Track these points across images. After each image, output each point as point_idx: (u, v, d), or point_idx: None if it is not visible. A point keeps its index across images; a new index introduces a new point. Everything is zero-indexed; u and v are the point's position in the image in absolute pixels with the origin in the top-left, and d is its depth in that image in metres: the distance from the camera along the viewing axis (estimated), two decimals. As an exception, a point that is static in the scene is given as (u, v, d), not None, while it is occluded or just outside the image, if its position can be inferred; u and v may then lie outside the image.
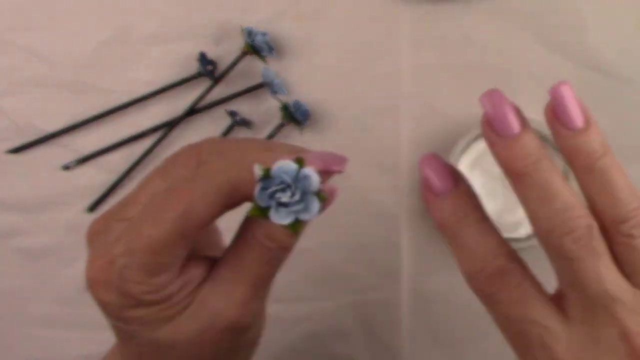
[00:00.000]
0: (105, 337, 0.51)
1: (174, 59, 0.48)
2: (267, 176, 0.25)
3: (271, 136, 0.48)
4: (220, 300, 0.27)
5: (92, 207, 0.49)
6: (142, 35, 0.48)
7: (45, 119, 0.49)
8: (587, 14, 0.47)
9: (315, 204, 0.25)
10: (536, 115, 0.49)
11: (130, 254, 0.25)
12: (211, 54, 0.48)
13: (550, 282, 0.26)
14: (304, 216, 0.25)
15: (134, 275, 0.26)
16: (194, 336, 0.27)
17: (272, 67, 0.47)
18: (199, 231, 0.26)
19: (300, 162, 0.25)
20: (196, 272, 0.28)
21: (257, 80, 0.48)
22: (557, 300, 0.25)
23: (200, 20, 0.48)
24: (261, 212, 0.25)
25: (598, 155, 0.24)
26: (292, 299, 0.48)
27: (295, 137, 0.48)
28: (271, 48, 0.47)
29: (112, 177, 0.49)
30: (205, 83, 0.48)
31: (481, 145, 0.45)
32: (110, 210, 0.29)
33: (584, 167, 0.24)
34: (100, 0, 0.48)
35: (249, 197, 0.26)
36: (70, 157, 0.49)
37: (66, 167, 0.49)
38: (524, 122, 0.25)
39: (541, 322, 0.24)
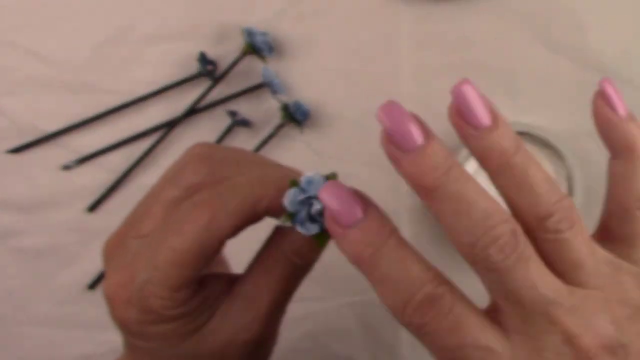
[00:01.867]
0: (105, 337, 0.51)
1: (174, 59, 0.48)
2: (296, 185, 0.25)
3: (271, 136, 0.48)
4: (243, 315, 0.27)
5: (92, 207, 0.49)
6: (142, 35, 0.48)
7: (45, 119, 0.49)
8: (587, 14, 0.47)
9: None
10: (537, 117, 0.49)
11: (152, 268, 0.25)
12: (211, 54, 0.48)
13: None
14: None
15: (156, 289, 0.25)
16: (217, 350, 0.27)
17: (272, 67, 0.47)
18: (222, 244, 0.26)
19: (332, 176, 0.25)
20: (214, 287, 0.28)
21: (257, 80, 0.48)
22: (493, 315, 0.23)
23: (200, 20, 0.48)
24: (292, 220, 0.25)
25: (511, 153, 0.22)
26: (292, 299, 0.48)
27: (295, 137, 0.48)
28: (271, 48, 0.47)
29: (112, 177, 0.49)
30: (205, 83, 0.48)
31: None
32: (124, 225, 0.28)
33: (498, 167, 0.22)
34: (100, 0, 0.48)
35: (270, 213, 0.26)
36: (70, 157, 0.49)
37: (66, 167, 0.49)
38: (426, 131, 0.23)
39: (481, 345, 0.22)
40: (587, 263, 0.23)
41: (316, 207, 0.25)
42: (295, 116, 0.47)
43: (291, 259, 0.27)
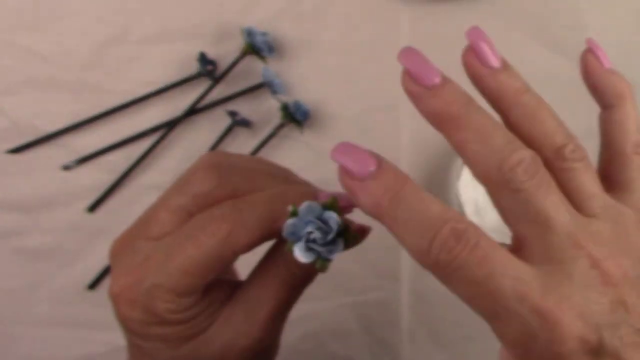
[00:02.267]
0: (105, 337, 0.51)
1: (174, 59, 0.48)
2: (295, 214, 0.25)
3: (271, 136, 0.48)
4: (242, 321, 0.28)
5: (92, 207, 0.49)
6: (142, 35, 0.48)
7: (45, 119, 0.49)
8: (587, 14, 0.47)
9: (340, 245, 0.26)
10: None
11: (164, 273, 0.26)
12: (211, 54, 0.48)
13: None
14: (326, 255, 0.25)
15: (164, 294, 0.26)
16: (216, 354, 0.28)
17: (272, 67, 0.47)
18: (236, 258, 0.27)
19: (332, 205, 0.26)
20: (218, 293, 0.28)
21: (257, 80, 0.48)
22: (516, 252, 0.23)
23: (200, 20, 0.48)
24: (291, 246, 0.26)
25: (523, 91, 0.24)
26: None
27: (296, 137, 0.48)
28: (271, 48, 0.47)
29: (112, 177, 0.49)
30: (205, 83, 0.48)
31: None
32: (133, 227, 0.29)
33: (512, 104, 0.24)
34: (100, 0, 0.48)
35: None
36: (70, 157, 0.49)
37: (66, 167, 0.49)
38: (443, 73, 0.25)
39: (511, 274, 0.21)
40: (599, 195, 0.23)
41: (312, 236, 0.25)
42: (295, 116, 0.47)
43: (291, 269, 0.28)
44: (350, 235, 0.26)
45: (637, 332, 0.21)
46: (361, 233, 0.28)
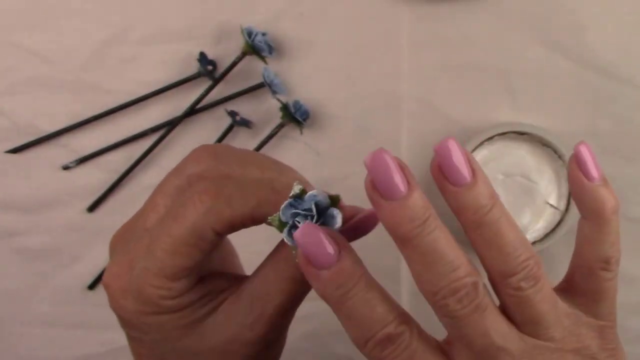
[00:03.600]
0: (105, 337, 0.51)
1: (174, 59, 0.48)
2: (299, 197, 0.25)
3: (271, 136, 0.48)
4: (248, 313, 0.27)
5: (92, 207, 0.49)
6: (142, 35, 0.48)
7: (45, 118, 0.49)
8: (587, 14, 0.47)
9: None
10: (536, 116, 0.49)
11: (149, 256, 0.26)
12: (211, 54, 0.48)
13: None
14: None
15: (152, 278, 0.26)
16: (219, 347, 0.27)
17: (272, 67, 0.47)
18: (219, 237, 0.26)
19: (334, 200, 0.26)
20: (218, 283, 0.28)
21: (257, 80, 0.48)
22: (448, 348, 0.25)
23: (200, 20, 0.48)
24: (280, 226, 0.25)
25: (485, 211, 0.24)
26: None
27: (296, 137, 0.48)
28: (271, 48, 0.47)
29: (112, 177, 0.49)
30: (205, 83, 0.48)
31: (478, 157, 0.45)
32: (131, 219, 0.29)
33: (472, 223, 0.24)
34: (100, 0, 0.48)
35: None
36: (70, 157, 0.49)
37: (66, 167, 0.49)
38: (409, 180, 0.24)
39: None
40: (546, 318, 0.25)
41: (304, 222, 0.25)
42: (295, 116, 0.47)
43: (293, 261, 0.27)
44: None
45: None
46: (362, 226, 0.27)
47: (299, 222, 0.25)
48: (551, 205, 0.46)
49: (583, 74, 0.47)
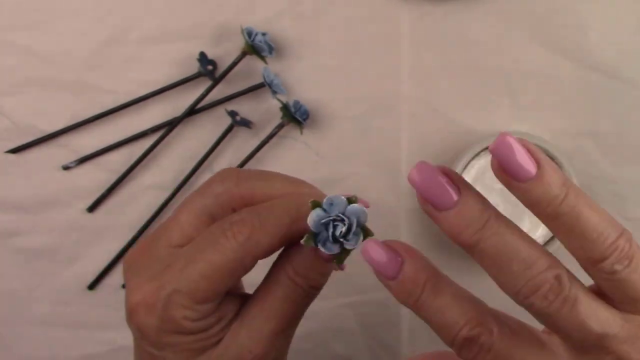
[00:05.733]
0: (105, 337, 0.51)
1: (174, 59, 0.48)
2: (318, 206, 0.26)
3: (271, 136, 0.48)
4: (247, 335, 0.28)
5: (92, 207, 0.49)
6: (142, 35, 0.48)
7: (45, 118, 0.49)
8: (587, 14, 0.47)
9: (360, 236, 0.26)
10: (536, 116, 0.49)
11: (184, 279, 0.26)
12: (211, 54, 0.48)
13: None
14: (348, 245, 0.26)
15: (183, 300, 0.26)
16: None
17: (272, 67, 0.47)
18: (255, 262, 0.27)
19: (351, 200, 0.26)
20: (230, 307, 0.29)
21: (257, 80, 0.48)
22: (548, 338, 0.25)
23: (200, 20, 0.48)
24: (314, 241, 0.26)
25: (560, 200, 0.22)
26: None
27: (296, 137, 0.48)
28: (271, 48, 0.47)
29: (112, 177, 0.49)
30: (205, 83, 0.48)
31: (482, 162, 0.45)
32: (152, 236, 0.29)
33: (548, 216, 0.23)
34: (99, 0, 0.48)
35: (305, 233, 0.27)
36: (71, 157, 0.49)
37: (66, 167, 0.49)
38: (459, 184, 0.23)
39: None
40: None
41: (340, 229, 0.26)
42: (295, 116, 0.47)
43: (295, 280, 0.28)
44: (367, 229, 0.27)
45: None
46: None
47: (333, 230, 0.26)
48: None
49: (583, 74, 0.47)
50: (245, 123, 0.48)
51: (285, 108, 0.47)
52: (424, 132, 0.48)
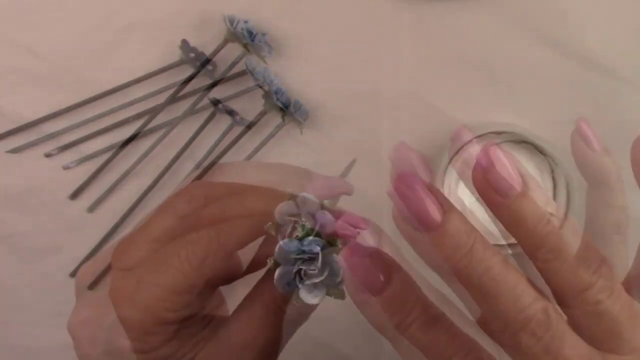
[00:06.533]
0: (105, 337, 0.51)
1: (156, 47, 0.48)
2: (293, 199, 0.24)
3: (271, 136, 0.48)
4: (235, 321, 0.27)
5: (74, 195, 0.49)
6: (124, 23, 0.48)
7: (26, 107, 0.48)
8: (587, 14, 0.47)
9: (323, 293, 0.24)
10: (536, 115, 0.49)
11: (131, 308, 0.25)
12: (194, 42, 0.48)
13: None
14: (308, 299, 0.24)
15: (129, 330, 0.25)
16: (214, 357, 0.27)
17: (271, 67, 0.47)
18: (213, 288, 0.26)
19: (330, 204, 0.24)
20: (192, 330, 0.27)
21: (257, 80, 0.48)
22: None
23: (183, 7, 0.47)
24: (275, 231, 0.24)
25: (545, 222, 0.21)
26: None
27: (296, 137, 0.48)
28: (271, 48, 0.47)
29: (112, 177, 0.49)
30: (188, 70, 0.47)
31: (471, 151, 0.44)
32: (102, 256, 0.28)
33: (530, 238, 0.21)
34: None
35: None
36: (71, 157, 0.49)
37: (66, 167, 0.49)
38: (443, 203, 0.21)
39: None
40: (625, 328, 0.21)
41: (311, 271, 0.23)
42: (295, 116, 0.47)
43: (272, 304, 0.26)
44: (334, 245, 0.24)
45: None
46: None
47: (306, 280, 0.23)
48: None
49: (583, 74, 0.47)
50: (230, 112, 0.48)
51: (267, 95, 0.46)
52: (424, 131, 0.48)
